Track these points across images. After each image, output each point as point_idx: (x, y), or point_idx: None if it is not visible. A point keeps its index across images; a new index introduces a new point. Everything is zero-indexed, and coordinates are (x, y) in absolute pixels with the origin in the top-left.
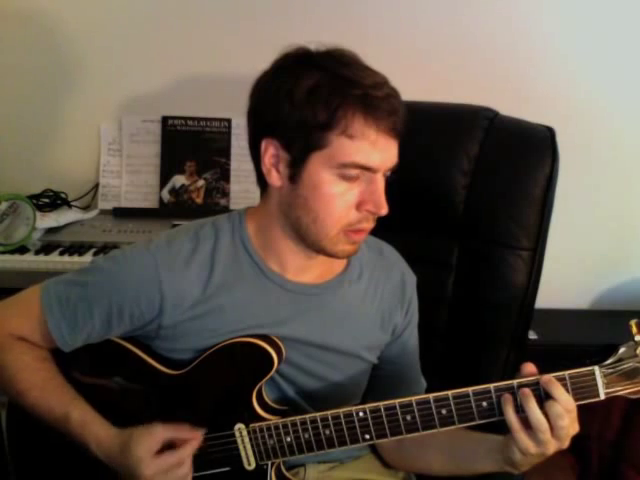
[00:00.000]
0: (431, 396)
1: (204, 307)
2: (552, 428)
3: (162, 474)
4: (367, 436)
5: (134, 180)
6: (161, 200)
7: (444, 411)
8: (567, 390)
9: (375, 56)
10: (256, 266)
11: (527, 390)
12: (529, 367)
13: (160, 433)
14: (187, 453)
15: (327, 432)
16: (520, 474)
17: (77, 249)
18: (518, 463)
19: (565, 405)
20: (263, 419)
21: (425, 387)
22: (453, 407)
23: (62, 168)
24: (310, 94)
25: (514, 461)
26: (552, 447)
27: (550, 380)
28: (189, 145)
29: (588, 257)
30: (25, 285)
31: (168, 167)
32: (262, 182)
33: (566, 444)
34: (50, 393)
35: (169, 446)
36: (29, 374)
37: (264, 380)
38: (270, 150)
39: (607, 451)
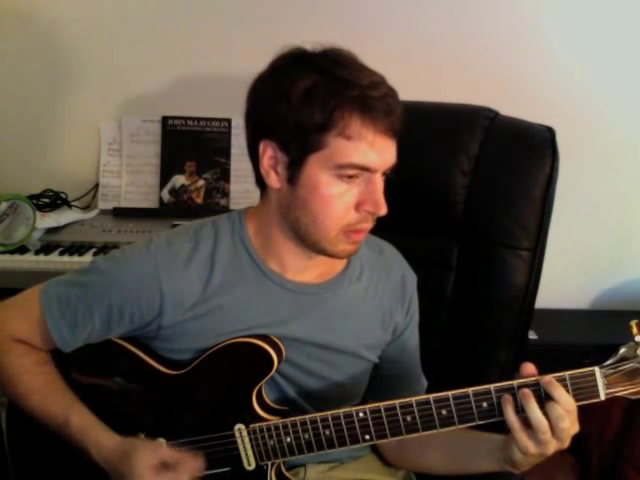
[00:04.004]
0: (431, 396)
1: (204, 307)
2: (553, 429)
3: None
4: (367, 436)
5: (134, 180)
6: (161, 200)
7: (444, 412)
8: (567, 391)
9: (375, 56)
10: (256, 266)
11: (527, 390)
12: (529, 367)
13: (162, 452)
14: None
15: (327, 432)
16: (520, 473)
17: (77, 249)
18: (518, 463)
19: (566, 406)
20: (263, 419)
21: (426, 386)
22: (453, 407)
23: (62, 168)
24: (307, 95)
25: (514, 461)
26: (552, 447)
27: (550, 381)
28: (189, 145)
29: (588, 257)
30: (25, 285)
31: (168, 167)
32: (261, 183)
33: (566, 444)
34: (50, 398)
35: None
36: (29, 378)
37: (264, 380)
38: (268, 152)
39: (607, 451)
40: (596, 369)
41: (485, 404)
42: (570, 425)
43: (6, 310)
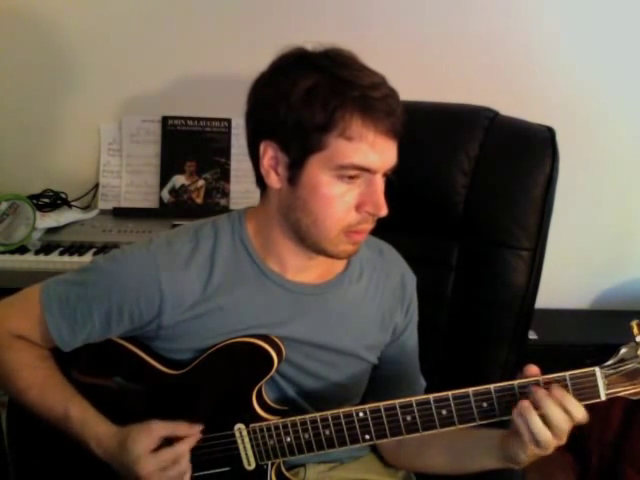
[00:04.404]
0: (431, 396)
1: (204, 307)
2: (553, 432)
3: (160, 471)
4: (367, 436)
5: (134, 180)
6: (161, 200)
7: (444, 412)
8: (568, 391)
9: (375, 56)
10: (256, 266)
11: (526, 403)
12: (532, 369)
13: (157, 430)
14: (184, 449)
15: (327, 432)
16: (521, 470)
17: (77, 249)
18: (519, 461)
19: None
20: (263, 419)
21: (425, 387)
22: (453, 408)
23: (62, 168)
24: (307, 96)
25: (516, 459)
26: (553, 446)
27: (544, 396)
28: (189, 145)
29: (588, 257)
30: (25, 285)
31: (168, 167)
32: (261, 183)
33: (564, 440)
34: (49, 392)
35: (168, 443)
36: (28, 372)
37: (264, 380)
38: (269, 152)
39: (607, 451)
40: (597, 369)
41: (485, 404)
42: (567, 425)
43: (6, 308)
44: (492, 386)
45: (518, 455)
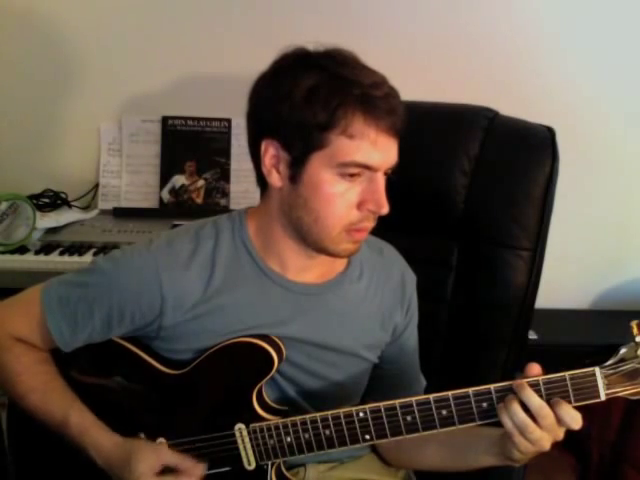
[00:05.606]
0: (431, 397)
1: (205, 307)
2: (540, 425)
3: None
4: (367, 436)
5: (134, 180)
6: (161, 200)
7: (444, 412)
8: (568, 391)
9: (375, 56)
10: (257, 266)
11: (510, 396)
12: (534, 369)
13: (165, 456)
14: None
15: (327, 432)
16: (521, 469)
17: (77, 249)
18: (517, 459)
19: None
20: (263, 419)
21: (425, 386)
22: (453, 408)
23: (62, 168)
24: (309, 94)
25: (513, 458)
26: (547, 441)
27: (521, 385)
28: (189, 145)
29: (588, 257)
30: (25, 285)
31: (168, 167)
32: (262, 183)
33: (561, 435)
34: (50, 397)
35: (169, 471)
36: (28, 377)
37: (264, 380)
38: (270, 151)
39: (607, 451)
40: (596, 369)
41: (485, 404)
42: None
43: (6, 309)
44: (492, 386)
45: (512, 453)
